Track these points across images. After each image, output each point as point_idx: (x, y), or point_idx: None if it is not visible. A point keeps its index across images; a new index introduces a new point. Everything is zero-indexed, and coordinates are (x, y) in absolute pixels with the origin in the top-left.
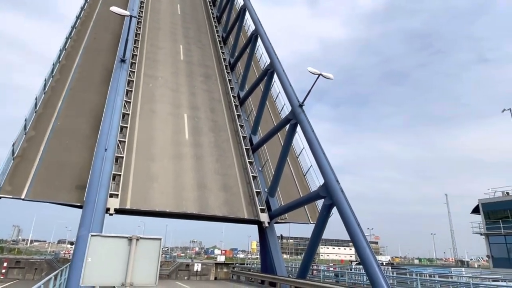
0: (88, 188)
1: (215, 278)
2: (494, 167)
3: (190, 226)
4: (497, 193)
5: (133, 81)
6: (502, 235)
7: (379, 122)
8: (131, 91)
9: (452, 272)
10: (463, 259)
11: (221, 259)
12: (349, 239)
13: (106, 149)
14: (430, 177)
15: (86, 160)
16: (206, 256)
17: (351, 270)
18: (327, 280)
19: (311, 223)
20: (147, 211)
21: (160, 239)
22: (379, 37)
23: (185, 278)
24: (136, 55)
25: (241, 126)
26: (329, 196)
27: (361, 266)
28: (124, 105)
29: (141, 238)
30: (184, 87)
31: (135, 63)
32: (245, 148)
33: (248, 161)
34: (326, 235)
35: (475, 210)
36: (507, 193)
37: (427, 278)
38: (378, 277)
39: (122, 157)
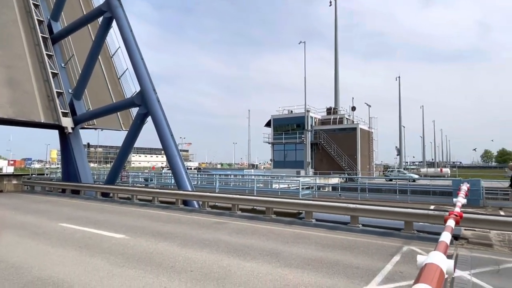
0: None
1: (1, 191)
2: (288, 90)
3: None
4: (285, 111)
5: None
6: (283, 144)
7: (201, 34)
8: None
9: (244, 172)
10: (254, 163)
11: (9, 170)
12: (161, 147)
13: None
14: (240, 94)
15: None
16: None
17: (161, 175)
18: (137, 185)
19: (123, 130)
20: None
21: None
22: None
23: None
24: None
25: (36, 6)
26: (145, 105)
27: (170, 171)
28: None
29: None
30: None
31: None
32: (42, 36)
33: (46, 54)
34: (138, 143)
35: (268, 124)
36: (291, 111)
37: (224, 177)
38: (184, 180)
39: None
